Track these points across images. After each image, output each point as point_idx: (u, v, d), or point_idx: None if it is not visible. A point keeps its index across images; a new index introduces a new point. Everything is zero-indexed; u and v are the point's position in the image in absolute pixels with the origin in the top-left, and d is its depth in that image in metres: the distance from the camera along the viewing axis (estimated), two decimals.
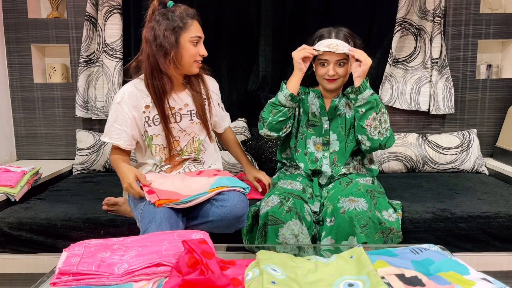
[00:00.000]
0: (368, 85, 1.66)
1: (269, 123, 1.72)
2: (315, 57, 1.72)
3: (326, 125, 1.80)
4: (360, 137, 1.70)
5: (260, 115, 1.76)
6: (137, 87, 1.65)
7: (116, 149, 1.68)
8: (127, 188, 1.55)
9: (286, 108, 1.70)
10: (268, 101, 1.75)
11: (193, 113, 1.70)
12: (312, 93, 1.83)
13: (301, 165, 1.82)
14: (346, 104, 1.80)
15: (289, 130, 1.78)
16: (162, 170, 1.70)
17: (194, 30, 1.60)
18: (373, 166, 1.87)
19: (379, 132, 1.66)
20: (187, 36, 1.58)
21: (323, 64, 1.70)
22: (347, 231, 1.51)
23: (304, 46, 1.68)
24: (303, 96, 1.79)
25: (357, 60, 1.63)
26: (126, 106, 1.63)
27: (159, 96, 1.61)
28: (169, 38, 1.56)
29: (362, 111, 1.66)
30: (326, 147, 1.80)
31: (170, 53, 1.56)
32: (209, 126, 1.75)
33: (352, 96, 1.68)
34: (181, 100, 1.69)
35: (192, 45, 1.60)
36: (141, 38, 2.40)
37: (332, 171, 1.78)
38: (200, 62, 1.65)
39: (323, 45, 1.66)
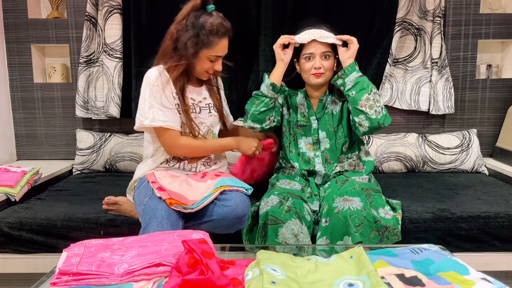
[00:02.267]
0: (356, 68, 1.67)
1: (252, 114, 1.72)
2: (299, 56, 1.74)
3: (314, 125, 1.81)
4: (357, 120, 1.68)
5: (244, 109, 1.78)
6: (164, 73, 1.63)
7: (171, 132, 1.60)
8: (255, 151, 1.71)
9: (268, 98, 1.70)
10: (252, 93, 1.77)
11: (211, 106, 1.74)
12: (300, 93, 1.85)
13: (296, 165, 1.83)
14: (333, 101, 1.81)
15: (273, 124, 1.76)
16: (186, 159, 1.70)
17: (217, 49, 1.59)
18: (369, 158, 1.87)
19: (376, 111, 1.64)
20: (208, 53, 1.58)
21: (309, 58, 1.72)
22: (342, 231, 1.51)
23: (282, 36, 1.71)
24: (286, 88, 1.77)
25: (343, 45, 1.69)
26: (164, 88, 1.60)
27: (180, 86, 1.61)
28: (188, 50, 1.56)
29: (353, 94, 1.65)
30: (316, 146, 1.81)
31: (181, 60, 1.58)
32: (224, 119, 1.80)
33: (339, 81, 1.68)
34: (199, 93, 1.72)
35: (209, 60, 1.61)
36: (141, 38, 2.41)
37: (325, 169, 1.78)
38: (211, 73, 1.67)
39: (305, 34, 1.69)
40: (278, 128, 1.88)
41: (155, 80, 1.59)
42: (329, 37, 1.68)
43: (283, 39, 1.69)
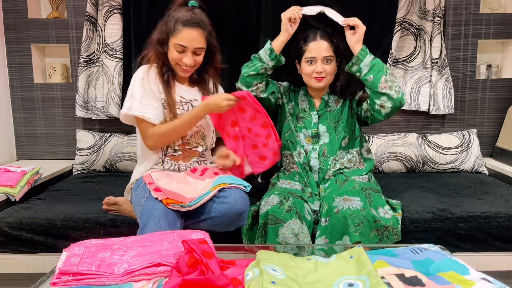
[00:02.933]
0: (367, 51, 1.68)
1: (242, 76, 1.77)
2: (301, 58, 1.75)
3: (315, 119, 1.82)
4: (379, 102, 1.67)
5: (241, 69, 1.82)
6: (154, 70, 1.67)
7: (146, 124, 1.60)
8: (228, 104, 1.57)
9: (260, 63, 1.73)
10: (251, 56, 1.80)
11: None
12: (302, 91, 1.87)
13: (298, 151, 1.82)
14: (336, 101, 1.82)
15: (260, 95, 1.77)
16: (175, 152, 1.68)
17: (180, 38, 1.59)
18: (370, 156, 1.88)
19: (395, 90, 1.66)
20: (173, 41, 1.61)
21: (310, 62, 1.72)
22: (341, 231, 1.51)
23: (292, 7, 1.73)
24: (283, 59, 1.77)
25: (351, 28, 1.70)
26: (150, 83, 1.63)
27: (166, 81, 1.65)
28: (153, 35, 1.65)
29: (371, 78, 1.65)
30: (315, 139, 1.81)
31: (151, 49, 1.66)
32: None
33: (355, 68, 1.68)
34: (190, 94, 1.72)
35: (175, 50, 1.61)
36: (141, 38, 2.41)
37: (320, 164, 1.78)
38: (185, 69, 1.64)
39: (314, 9, 1.73)
40: (280, 119, 1.90)
41: (141, 74, 1.63)
42: (337, 16, 1.71)
43: (292, 12, 1.71)
